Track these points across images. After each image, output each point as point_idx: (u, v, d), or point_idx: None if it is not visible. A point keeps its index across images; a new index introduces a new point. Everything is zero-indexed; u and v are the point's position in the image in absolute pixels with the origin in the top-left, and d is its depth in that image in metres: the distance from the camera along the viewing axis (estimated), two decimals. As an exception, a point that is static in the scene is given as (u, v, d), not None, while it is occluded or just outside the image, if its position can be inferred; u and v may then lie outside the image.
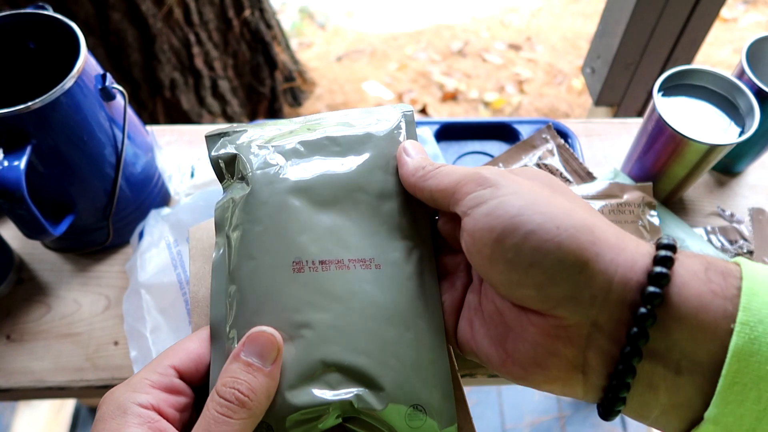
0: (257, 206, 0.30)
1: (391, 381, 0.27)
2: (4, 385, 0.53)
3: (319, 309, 0.28)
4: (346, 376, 0.27)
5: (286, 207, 0.30)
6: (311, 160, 0.32)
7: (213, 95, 1.55)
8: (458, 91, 1.96)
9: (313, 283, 0.28)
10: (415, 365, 0.28)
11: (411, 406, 0.27)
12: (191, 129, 0.71)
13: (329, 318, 0.28)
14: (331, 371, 0.27)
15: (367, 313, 0.28)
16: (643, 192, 0.58)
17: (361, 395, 0.27)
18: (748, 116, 0.55)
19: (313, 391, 0.27)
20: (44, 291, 0.58)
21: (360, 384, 0.27)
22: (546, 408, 1.28)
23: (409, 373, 0.28)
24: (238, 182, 0.32)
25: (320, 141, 0.33)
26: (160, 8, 1.30)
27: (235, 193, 0.31)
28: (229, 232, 0.30)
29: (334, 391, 0.27)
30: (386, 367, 0.27)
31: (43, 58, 0.54)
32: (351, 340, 0.27)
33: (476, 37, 2.16)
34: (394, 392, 0.27)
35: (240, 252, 0.29)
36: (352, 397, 0.27)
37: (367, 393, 0.27)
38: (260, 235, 0.29)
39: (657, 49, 1.00)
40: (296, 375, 0.27)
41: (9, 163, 0.46)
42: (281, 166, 0.31)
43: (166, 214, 0.52)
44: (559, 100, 1.91)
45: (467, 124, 0.69)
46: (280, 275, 0.28)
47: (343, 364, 0.27)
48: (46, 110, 0.46)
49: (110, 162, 0.54)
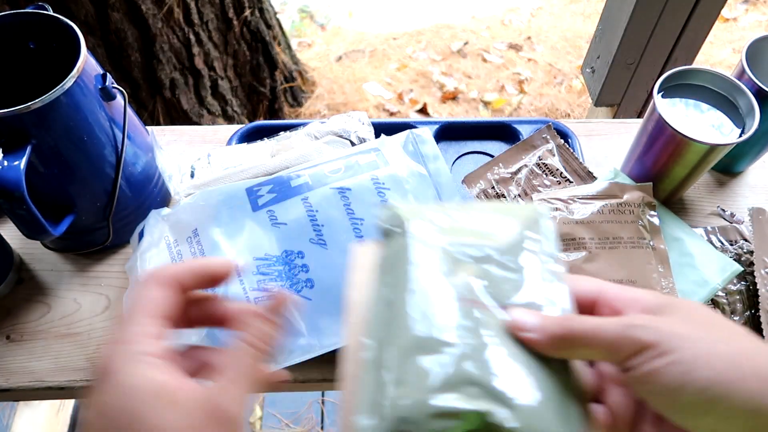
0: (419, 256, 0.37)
1: (524, 407, 0.30)
2: (4, 385, 0.53)
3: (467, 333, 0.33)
4: (483, 392, 0.31)
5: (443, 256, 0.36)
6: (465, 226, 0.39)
7: (213, 95, 1.55)
8: (458, 91, 1.96)
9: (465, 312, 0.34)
10: (546, 403, 0.31)
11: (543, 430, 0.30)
12: (191, 129, 0.71)
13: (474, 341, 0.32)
14: (472, 386, 0.31)
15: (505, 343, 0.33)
16: (643, 192, 0.58)
17: (494, 413, 0.30)
18: (748, 116, 0.55)
19: (453, 399, 0.30)
20: (44, 291, 0.58)
21: (495, 401, 0.30)
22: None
23: (541, 408, 0.31)
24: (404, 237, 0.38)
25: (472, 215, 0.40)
26: (160, 8, 1.30)
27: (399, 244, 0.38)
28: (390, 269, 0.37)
29: (471, 402, 0.30)
30: (519, 393, 0.31)
31: (43, 58, 0.54)
32: (491, 364, 0.31)
33: (476, 37, 2.16)
34: (527, 417, 0.30)
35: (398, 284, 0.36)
36: (485, 411, 0.30)
37: (500, 411, 0.30)
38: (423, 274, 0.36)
39: (657, 49, 1.00)
40: (442, 384, 0.31)
41: (9, 163, 0.46)
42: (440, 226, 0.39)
43: (166, 214, 0.52)
44: (559, 100, 1.91)
45: (467, 124, 0.69)
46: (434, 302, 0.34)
47: (482, 380, 0.31)
48: (46, 110, 0.46)
49: (110, 162, 0.54)
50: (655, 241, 0.56)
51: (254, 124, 0.68)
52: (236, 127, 0.68)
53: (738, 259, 0.57)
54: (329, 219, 0.49)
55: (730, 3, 2.29)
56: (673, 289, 0.53)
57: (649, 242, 0.55)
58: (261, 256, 0.48)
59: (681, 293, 0.54)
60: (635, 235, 0.55)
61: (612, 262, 0.55)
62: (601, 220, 0.56)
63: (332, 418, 1.27)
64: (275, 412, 1.27)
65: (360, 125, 0.64)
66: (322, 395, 1.29)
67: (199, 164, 0.62)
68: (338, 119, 0.64)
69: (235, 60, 1.59)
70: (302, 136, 0.64)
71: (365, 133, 0.63)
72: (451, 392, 0.31)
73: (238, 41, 1.56)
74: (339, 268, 0.47)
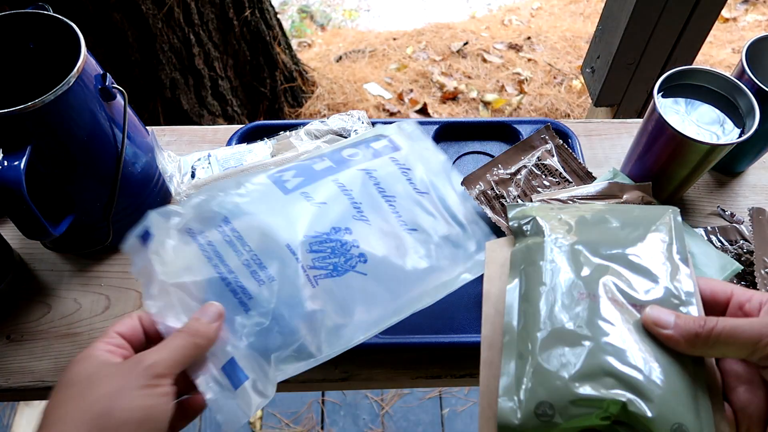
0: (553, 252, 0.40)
1: (658, 397, 0.33)
2: (4, 385, 0.53)
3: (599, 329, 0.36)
4: (619, 382, 0.34)
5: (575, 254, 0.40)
6: (596, 227, 0.42)
7: (213, 95, 1.55)
8: (458, 91, 1.96)
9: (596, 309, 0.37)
10: (679, 396, 0.34)
11: (676, 423, 0.33)
12: (191, 129, 0.72)
13: (607, 336, 0.35)
14: (607, 376, 0.34)
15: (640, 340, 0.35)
16: (642, 192, 0.58)
17: (633, 401, 0.33)
18: (748, 116, 0.55)
19: (591, 387, 0.33)
20: (44, 291, 0.58)
21: (632, 392, 0.33)
22: (546, 408, 1.28)
23: (673, 397, 0.34)
24: (536, 236, 0.42)
25: (603, 216, 0.43)
26: (160, 8, 1.30)
27: (531, 242, 0.42)
28: (523, 265, 0.41)
29: (610, 391, 0.33)
30: (653, 385, 0.34)
31: (43, 58, 0.54)
32: (625, 357, 0.34)
33: (476, 37, 2.16)
34: (662, 407, 0.33)
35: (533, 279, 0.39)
36: (626, 399, 0.33)
37: (638, 401, 0.33)
38: (553, 269, 0.39)
39: (657, 49, 1.00)
40: (579, 373, 0.34)
41: (9, 163, 0.46)
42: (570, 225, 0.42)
43: (178, 209, 0.48)
44: (559, 100, 1.91)
45: (467, 124, 0.69)
46: (568, 299, 0.38)
47: (618, 372, 0.34)
48: (46, 110, 0.46)
49: (110, 162, 0.54)
50: None
51: (254, 124, 0.68)
52: (236, 127, 0.68)
53: (738, 259, 0.57)
54: (364, 197, 0.48)
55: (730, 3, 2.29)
56: None
57: None
58: (311, 234, 0.46)
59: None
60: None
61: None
62: (601, 220, 0.56)
63: (332, 418, 1.27)
64: (275, 412, 1.27)
65: (360, 124, 0.64)
66: (322, 395, 1.30)
67: (199, 164, 0.62)
68: (338, 118, 0.65)
69: (235, 60, 1.59)
70: (302, 135, 0.64)
71: (365, 131, 0.64)
72: (591, 381, 0.34)
73: (238, 41, 1.56)
74: (384, 244, 0.47)
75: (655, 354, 0.35)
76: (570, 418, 0.33)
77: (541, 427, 0.34)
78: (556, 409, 0.34)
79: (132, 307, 0.57)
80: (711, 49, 2.07)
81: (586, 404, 0.33)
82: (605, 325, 0.36)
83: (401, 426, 1.25)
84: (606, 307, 0.37)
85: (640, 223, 0.42)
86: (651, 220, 0.42)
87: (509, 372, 0.36)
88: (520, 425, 0.34)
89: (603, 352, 0.35)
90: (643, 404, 0.33)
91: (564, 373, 0.34)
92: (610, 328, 0.36)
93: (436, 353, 0.54)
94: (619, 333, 0.36)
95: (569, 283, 0.38)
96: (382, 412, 1.27)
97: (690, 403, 0.34)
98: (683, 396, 0.34)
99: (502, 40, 2.15)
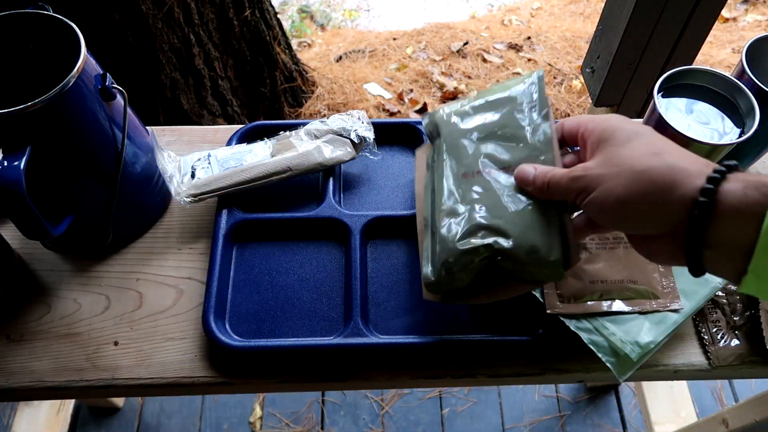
0: (445, 149, 0.53)
1: (514, 233, 0.46)
2: (5, 385, 0.53)
3: (474, 197, 0.49)
4: (489, 231, 0.47)
5: (460, 144, 0.53)
6: (475, 116, 0.54)
7: (213, 95, 1.55)
8: (458, 91, 1.96)
9: (474, 183, 0.50)
10: (531, 226, 0.46)
11: (530, 245, 0.45)
12: (191, 129, 0.71)
13: (479, 202, 0.49)
14: (481, 230, 0.47)
15: (502, 197, 0.48)
16: None
17: (497, 240, 0.46)
18: (748, 116, 0.55)
19: (471, 240, 0.47)
20: (44, 291, 0.58)
21: (495, 235, 0.47)
22: (546, 408, 1.28)
23: (528, 230, 0.46)
24: (438, 138, 0.55)
25: (481, 104, 0.55)
26: (160, 8, 1.30)
27: (435, 145, 0.56)
28: (432, 163, 0.55)
29: (482, 240, 0.47)
30: (512, 225, 0.46)
31: (43, 58, 0.54)
32: (493, 212, 0.48)
33: (476, 37, 2.16)
34: (517, 238, 0.46)
35: (437, 173, 0.53)
36: (491, 241, 0.46)
37: (499, 239, 0.46)
38: (447, 162, 0.53)
39: (657, 49, 1.00)
40: (462, 233, 0.48)
41: (9, 163, 0.46)
42: (457, 122, 0.54)
43: None
44: (559, 100, 1.91)
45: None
46: (456, 183, 0.51)
47: (487, 224, 0.47)
48: (46, 110, 0.46)
49: (110, 162, 0.54)
50: None
51: (254, 124, 0.68)
52: (236, 127, 0.68)
53: (738, 259, 0.57)
54: None
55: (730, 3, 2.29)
56: (674, 289, 0.53)
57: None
58: None
59: (682, 293, 0.54)
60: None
61: (612, 262, 0.55)
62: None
63: (332, 418, 1.27)
64: (275, 412, 1.27)
65: (360, 123, 0.64)
66: (322, 395, 1.30)
67: (199, 164, 0.62)
68: (338, 118, 0.65)
69: (235, 60, 1.59)
70: (302, 135, 0.64)
71: (365, 131, 0.64)
72: (469, 236, 0.47)
73: (238, 41, 1.56)
74: None
75: (515, 203, 0.47)
76: (463, 266, 0.47)
77: (449, 277, 0.48)
78: (453, 263, 0.47)
79: (132, 307, 0.57)
80: (711, 49, 2.07)
81: (470, 253, 0.47)
82: (479, 193, 0.49)
83: (401, 426, 1.26)
84: (481, 179, 0.50)
85: (509, 98, 0.54)
86: (516, 91, 0.53)
87: (427, 247, 0.51)
88: (436, 280, 0.49)
89: (476, 214, 0.48)
90: (502, 241, 0.46)
91: (455, 237, 0.48)
92: (482, 194, 0.49)
93: (436, 353, 0.54)
94: (488, 196, 0.49)
95: (456, 169, 0.51)
96: (382, 412, 1.27)
97: (542, 231, 0.46)
98: (537, 228, 0.46)
99: (502, 40, 2.15)
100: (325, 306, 0.56)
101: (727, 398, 1.31)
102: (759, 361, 0.54)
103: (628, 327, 0.51)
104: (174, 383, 0.53)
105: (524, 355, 0.54)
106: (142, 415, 1.26)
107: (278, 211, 0.62)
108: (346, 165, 0.66)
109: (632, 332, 0.51)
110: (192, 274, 0.59)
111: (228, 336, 0.53)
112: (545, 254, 0.45)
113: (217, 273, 0.56)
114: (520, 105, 0.52)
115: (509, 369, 0.54)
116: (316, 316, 0.56)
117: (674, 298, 0.53)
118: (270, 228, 0.61)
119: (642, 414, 1.18)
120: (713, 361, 0.54)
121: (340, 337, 0.53)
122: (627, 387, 1.31)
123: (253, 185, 0.60)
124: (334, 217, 0.60)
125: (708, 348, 0.54)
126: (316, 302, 0.57)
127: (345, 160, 0.62)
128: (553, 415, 1.27)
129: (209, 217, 0.63)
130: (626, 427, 1.26)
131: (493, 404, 1.28)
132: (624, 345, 0.50)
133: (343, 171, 0.67)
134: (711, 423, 0.91)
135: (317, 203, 0.63)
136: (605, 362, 0.51)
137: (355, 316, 0.54)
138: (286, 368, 0.54)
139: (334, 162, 0.62)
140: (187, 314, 0.57)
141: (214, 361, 0.54)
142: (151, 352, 0.55)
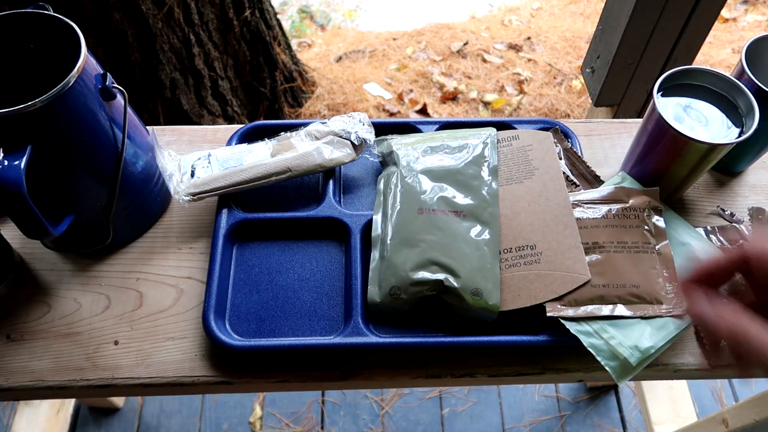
0: (400, 179, 0.59)
1: (464, 274, 0.52)
2: (4, 385, 0.53)
3: (430, 234, 0.54)
4: (441, 268, 0.53)
5: (417, 180, 0.58)
6: (434, 155, 0.60)
7: (213, 95, 1.55)
8: (458, 91, 1.96)
9: (430, 220, 0.55)
10: (477, 269, 0.53)
11: (475, 288, 0.52)
12: (191, 129, 0.72)
13: (434, 239, 0.54)
14: (433, 265, 0.53)
15: (455, 238, 0.54)
16: (649, 197, 0.58)
17: (448, 278, 0.52)
18: (748, 116, 0.55)
19: (423, 273, 0.53)
20: (44, 291, 0.58)
21: (447, 273, 0.52)
22: (546, 408, 1.28)
23: (475, 272, 0.52)
24: (393, 166, 0.61)
25: (440, 146, 0.61)
26: (160, 8, 1.30)
27: (390, 171, 0.61)
28: (385, 191, 0.59)
29: (434, 275, 0.52)
30: (462, 267, 0.52)
31: (43, 58, 0.54)
32: (445, 251, 0.53)
33: (476, 37, 2.16)
34: (465, 280, 0.52)
35: (390, 199, 0.58)
36: (443, 278, 0.52)
37: (450, 278, 0.52)
38: (402, 193, 0.58)
39: (657, 49, 1.00)
40: (414, 265, 0.53)
41: (9, 163, 0.46)
42: (416, 157, 0.60)
43: None
44: (559, 100, 1.91)
45: (467, 124, 0.69)
46: (411, 215, 0.56)
47: (439, 261, 0.53)
48: (46, 110, 0.46)
49: (110, 162, 0.54)
50: (661, 245, 0.56)
51: (254, 124, 0.68)
52: (236, 127, 0.68)
53: (738, 258, 0.57)
54: None
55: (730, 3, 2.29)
56: (677, 295, 0.53)
57: (654, 246, 0.55)
58: None
59: (681, 293, 0.53)
60: (640, 240, 0.55)
61: (616, 267, 0.54)
62: (606, 224, 0.56)
63: (332, 418, 1.27)
64: (275, 412, 1.27)
65: (360, 126, 0.64)
66: (322, 395, 1.30)
67: (199, 163, 0.62)
68: (339, 120, 0.65)
69: (235, 60, 1.59)
70: (303, 136, 0.64)
71: (365, 133, 0.63)
72: (422, 269, 0.53)
73: (238, 41, 1.56)
74: None
75: (464, 247, 0.54)
76: (411, 294, 0.52)
77: (394, 301, 0.53)
78: (401, 289, 0.53)
79: (132, 306, 0.57)
80: (711, 49, 2.07)
81: (420, 284, 0.52)
82: (435, 230, 0.54)
83: (401, 426, 1.26)
84: (437, 217, 0.55)
85: (466, 147, 0.61)
86: (474, 144, 0.61)
87: (375, 268, 0.55)
88: (381, 302, 0.53)
89: (431, 250, 0.53)
90: (453, 280, 0.52)
91: (406, 266, 0.53)
92: (437, 232, 0.54)
93: (436, 353, 0.54)
94: (443, 235, 0.54)
95: (413, 202, 0.56)
96: (382, 412, 1.27)
97: (484, 275, 0.52)
98: (479, 272, 0.52)
99: (502, 40, 2.15)
100: (325, 306, 0.56)
101: (727, 398, 1.31)
102: (759, 361, 0.54)
103: (629, 331, 0.51)
104: (174, 383, 0.53)
105: (524, 355, 0.54)
106: (142, 415, 1.26)
107: (278, 211, 0.62)
108: (346, 166, 0.66)
109: (632, 336, 0.51)
110: (192, 273, 0.59)
111: (228, 335, 0.54)
112: (486, 297, 0.52)
113: (217, 273, 0.56)
114: (476, 158, 0.59)
115: (509, 369, 0.54)
116: (316, 315, 0.56)
117: (677, 304, 0.53)
118: (270, 228, 0.61)
119: (642, 414, 1.19)
120: (713, 361, 0.54)
121: (340, 336, 0.53)
122: (627, 387, 1.31)
123: (253, 185, 0.60)
124: (334, 216, 0.60)
125: (708, 347, 0.54)
126: (316, 302, 0.57)
127: (345, 161, 0.62)
128: (553, 415, 1.27)
129: (209, 216, 0.63)
130: (626, 427, 1.26)
131: (493, 404, 1.28)
132: (623, 349, 0.50)
133: (343, 172, 0.67)
134: (711, 423, 0.91)
135: (317, 203, 0.63)
136: (604, 366, 0.50)
137: (355, 316, 0.54)
138: (286, 368, 0.54)
139: (334, 163, 0.62)
140: (187, 314, 0.57)
141: (214, 361, 0.54)
142: (151, 351, 0.55)
